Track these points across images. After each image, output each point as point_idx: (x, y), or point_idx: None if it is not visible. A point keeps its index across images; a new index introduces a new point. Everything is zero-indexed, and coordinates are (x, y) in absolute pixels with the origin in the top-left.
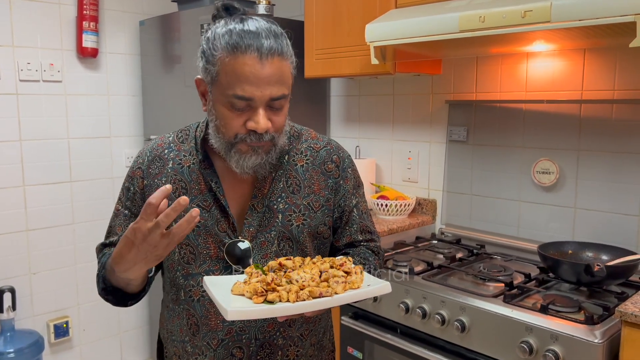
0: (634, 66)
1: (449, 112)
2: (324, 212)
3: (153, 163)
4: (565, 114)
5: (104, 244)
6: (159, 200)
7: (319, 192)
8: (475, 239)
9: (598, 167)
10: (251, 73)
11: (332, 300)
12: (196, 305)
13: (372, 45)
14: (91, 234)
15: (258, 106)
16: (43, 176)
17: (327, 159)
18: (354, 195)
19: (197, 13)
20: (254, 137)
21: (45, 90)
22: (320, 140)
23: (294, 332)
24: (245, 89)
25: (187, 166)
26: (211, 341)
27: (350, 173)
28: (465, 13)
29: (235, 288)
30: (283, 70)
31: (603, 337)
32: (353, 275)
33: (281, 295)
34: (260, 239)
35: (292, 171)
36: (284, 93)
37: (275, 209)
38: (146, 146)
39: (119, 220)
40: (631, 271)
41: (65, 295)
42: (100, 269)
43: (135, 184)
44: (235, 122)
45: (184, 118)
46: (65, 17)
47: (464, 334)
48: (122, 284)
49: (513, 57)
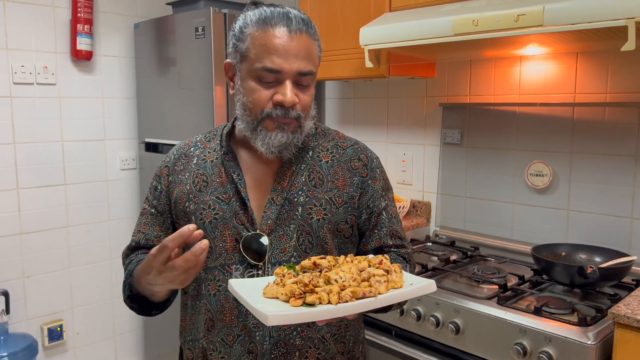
0: (625, 69)
1: (443, 115)
2: (347, 209)
3: (179, 160)
4: (558, 117)
5: (129, 247)
6: (175, 244)
7: (342, 188)
8: (469, 241)
9: (591, 169)
10: (280, 45)
11: (377, 301)
12: (212, 300)
13: (367, 49)
14: (85, 237)
15: (286, 79)
16: (37, 179)
17: (354, 157)
18: (383, 197)
19: (191, 16)
20: (280, 112)
21: (39, 93)
22: (347, 140)
23: (314, 333)
24: (274, 60)
25: (210, 161)
26: (226, 337)
27: (379, 174)
28: (459, 17)
29: (268, 290)
30: (311, 48)
31: (596, 338)
32: (393, 274)
33: (321, 297)
34: (278, 232)
35: (315, 166)
36: (311, 69)
37: (296, 202)
38: (175, 147)
39: (144, 219)
40: (624, 273)
41: (59, 299)
42: (127, 276)
43: (162, 182)
44: (263, 95)
45: (179, 121)
46: (60, 20)
47: (458, 336)
48: (147, 293)
49: (506, 61)
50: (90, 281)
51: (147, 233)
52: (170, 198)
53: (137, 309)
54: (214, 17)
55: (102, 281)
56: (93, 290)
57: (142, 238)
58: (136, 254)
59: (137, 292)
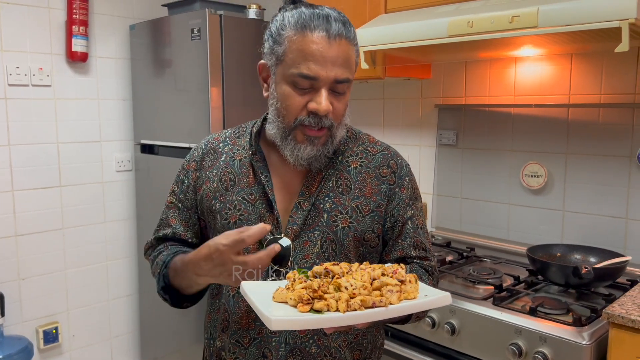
0: (619, 71)
1: (439, 116)
2: (373, 218)
3: (207, 156)
4: (553, 118)
5: (157, 238)
6: (253, 240)
7: (370, 196)
8: (465, 242)
9: (586, 170)
10: (318, 51)
11: (387, 312)
12: (231, 301)
13: (362, 50)
14: (81, 239)
15: (321, 87)
16: (32, 181)
17: (383, 164)
18: (410, 206)
19: (187, 17)
20: (313, 120)
21: (34, 95)
22: (378, 145)
23: (330, 342)
24: (311, 67)
25: (239, 159)
26: (242, 339)
27: (408, 182)
28: (454, 18)
29: (278, 295)
30: (349, 55)
31: (591, 338)
32: (407, 284)
33: (330, 304)
34: (303, 238)
35: (343, 172)
36: (348, 77)
37: (322, 208)
38: (203, 140)
39: (172, 213)
40: (618, 273)
41: (54, 301)
42: (162, 267)
43: (189, 176)
44: (298, 102)
45: (175, 122)
46: (55, 21)
47: (454, 336)
48: (184, 285)
49: (501, 62)
50: (86, 283)
51: (175, 227)
52: (197, 194)
53: (169, 301)
54: (210, 19)
55: (98, 283)
56: (89, 292)
57: (170, 231)
58: (165, 245)
59: (171, 284)
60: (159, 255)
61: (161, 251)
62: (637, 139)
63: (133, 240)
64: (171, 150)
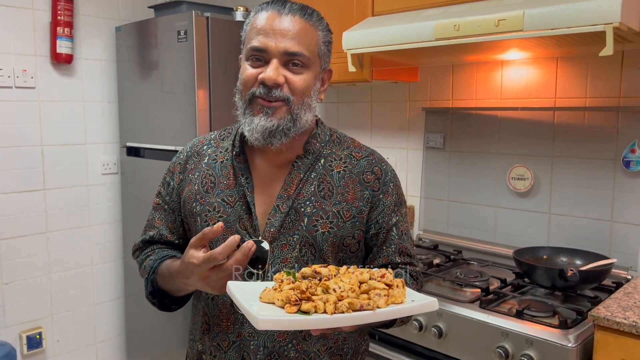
0: (604, 74)
1: (426, 119)
2: (354, 224)
3: (191, 158)
4: (539, 121)
5: (144, 241)
6: (224, 256)
7: (352, 202)
8: (452, 244)
9: (571, 173)
10: (268, 24)
11: (374, 315)
12: (210, 304)
13: (349, 53)
14: (66, 242)
15: (271, 58)
16: (16, 184)
17: (368, 170)
18: (395, 213)
19: (174, 19)
20: (263, 91)
21: (18, 97)
22: (362, 150)
23: (309, 346)
24: (260, 39)
25: (221, 161)
26: (221, 342)
27: (392, 188)
28: (441, 22)
29: (265, 295)
30: (305, 32)
31: (577, 341)
32: (395, 288)
33: (317, 306)
34: (281, 241)
35: (326, 176)
36: (301, 51)
37: (302, 212)
38: (189, 142)
39: (158, 214)
40: (604, 275)
41: (38, 306)
42: (150, 273)
43: (174, 178)
44: (251, 75)
45: (161, 124)
46: (39, 23)
47: (441, 339)
48: (174, 290)
49: (488, 65)
50: (70, 287)
51: (160, 228)
52: (181, 196)
53: (157, 305)
54: (196, 21)
55: (83, 287)
56: (73, 296)
57: (156, 233)
58: (152, 248)
59: (159, 288)
60: (146, 260)
61: (148, 255)
62: (622, 142)
63: (119, 244)
64: (157, 153)
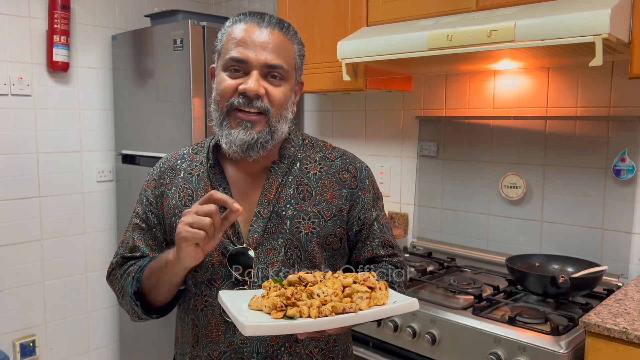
0: (595, 84)
1: (420, 128)
2: (335, 222)
3: (164, 174)
4: (531, 130)
5: (124, 257)
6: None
7: (331, 201)
8: (445, 252)
9: (563, 181)
10: (248, 36)
11: (357, 317)
12: (199, 315)
13: (344, 62)
14: (60, 250)
15: (252, 69)
16: (10, 191)
17: (343, 169)
18: (374, 207)
19: (170, 28)
20: (243, 101)
21: (14, 104)
22: (335, 151)
23: (302, 349)
24: (240, 50)
25: (197, 174)
26: (212, 353)
27: (369, 184)
28: (434, 32)
29: (253, 302)
30: (283, 45)
31: (568, 347)
32: (377, 291)
33: (302, 311)
34: (266, 246)
35: (303, 178)
36: (280, 64)
37: (284, 215)
38: (161, 159)
39: (137, 235)
40: (595, 282)
41: (31, 313)
42: (137, 272)
43: (149, 195)
44: (230, 85)
45: (157, 132)
46: (36, 31)
47: (434, 346)
48: (162, 281)
49: (481, 75)
50: (64, 295)
51: (141, 247)
52: (159, 212)
53: (139, 307)
54: (193, 30)
55: (77, 295)
56: (67, 304)
57: (138, 252)
58: (133, 262)
59: (143, 290)
60: (129, 268)
61: (133, 264)
62: (613, 150)
63: (113, 252)
64: (153, 161)
